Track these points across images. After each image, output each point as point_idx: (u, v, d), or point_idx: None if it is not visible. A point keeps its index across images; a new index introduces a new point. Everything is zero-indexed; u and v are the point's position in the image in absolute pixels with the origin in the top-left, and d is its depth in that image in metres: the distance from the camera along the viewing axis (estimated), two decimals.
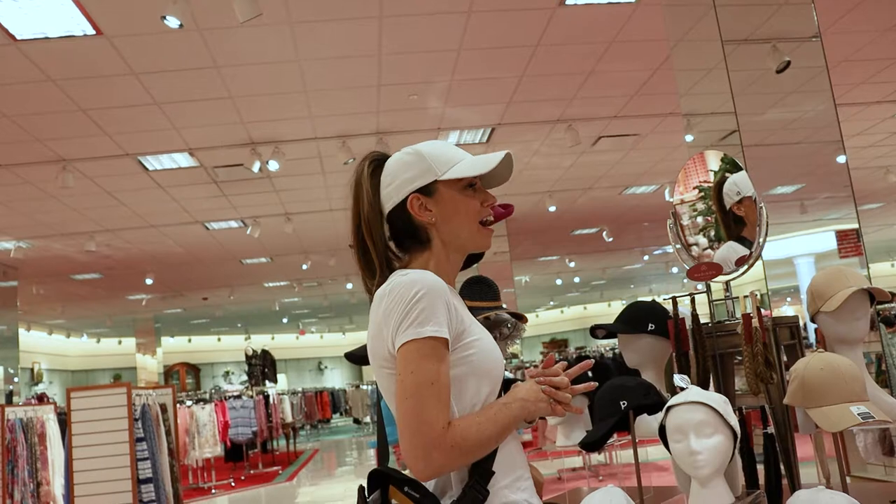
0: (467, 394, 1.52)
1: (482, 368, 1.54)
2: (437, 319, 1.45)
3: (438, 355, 1.45)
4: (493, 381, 1.56)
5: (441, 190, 1.62)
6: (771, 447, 2.23)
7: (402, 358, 1.45)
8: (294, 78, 6.91)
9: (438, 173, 1.61)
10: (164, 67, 6.43)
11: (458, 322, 1.52)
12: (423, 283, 1.48)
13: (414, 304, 1.46)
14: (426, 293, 1.47)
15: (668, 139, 9.53)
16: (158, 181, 9.56)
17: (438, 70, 7.06)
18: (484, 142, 9.14)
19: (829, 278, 2.44)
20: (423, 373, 1.43)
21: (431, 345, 1.44)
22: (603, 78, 7.51)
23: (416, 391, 1.42)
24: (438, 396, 1.42)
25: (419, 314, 1.45)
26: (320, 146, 8.84)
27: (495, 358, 1.58)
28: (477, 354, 1.53)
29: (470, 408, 1.52)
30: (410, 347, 1.45)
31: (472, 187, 1.64)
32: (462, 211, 1.62)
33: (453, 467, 1.47)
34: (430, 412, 1.41)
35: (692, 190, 2.76)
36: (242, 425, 12.83)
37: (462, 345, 1.52)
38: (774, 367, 2.28)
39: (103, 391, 6.40)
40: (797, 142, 5.20)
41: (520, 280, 21.06)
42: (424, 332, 1.44)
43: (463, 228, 1.62)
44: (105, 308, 20.30)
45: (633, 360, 2.63)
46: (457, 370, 1.51)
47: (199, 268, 15.88)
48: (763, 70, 5.02)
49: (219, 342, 30.09)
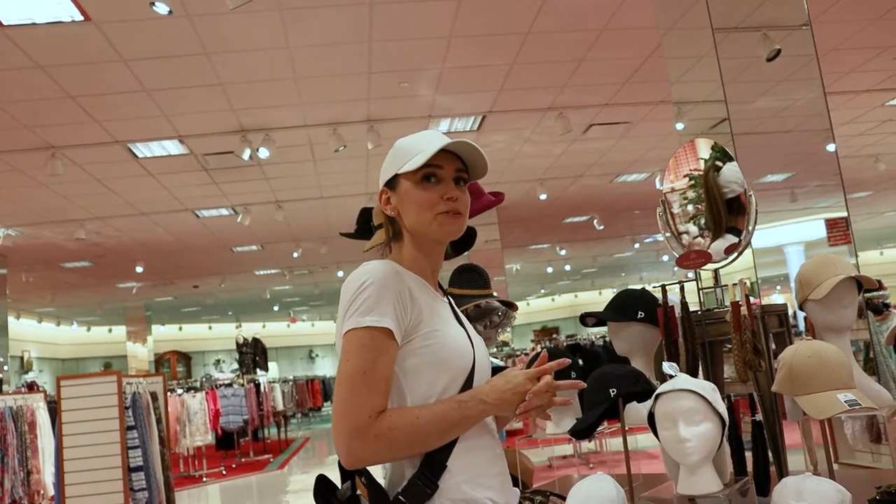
0: (422, 385, 1.52)
1: (439, 359, 1.53)
2: (379, 309, 1.47)
3: (377, 345, 1.46)
4: (453, 372, 1.55)
5: (401, 183, 1.62)
6: (759, 434, 2.25)
7: (343, 346, 1.48)
8: (284, 65, 6.88)
9: (399, 167, 1.61)
10: (154, 54, 6.38)
11: (415, 313, 1.52)
12: (371, 274, 1.50)
13: (359, 294, 1.48)
14: (371, 283, 1.49)
15: (659, 127, 9.54)
16: (148, 169, 9.52)
17: (429, 57, 7.03)
18: (475, 129, 9.13)
19: (818, 266, 2.45)
20: (357, 361, 1.45)
21: (371, 334, 1.46)
22: (594, 66, 7.51)
23: (348, 379, 1.44)
24: (370, 385, 1.43)
25: (362, 304, 1.47)
26: (311, 133, 8.81)
27: (457, 349, 1.57)
28: (435, 345, 1.53)
29: (424, 399, 1.51)
30: (350, 336, 1.47)
31: (429, 179, 1.60)
32: (415, 203, 1.60)
33: (378, 458, 1.47)
34: (358, 400, 1.42)
35: (682, 178, 2.76)
36: (233, 413, 12.82)
37: (419, 335, 1.52)
38: (763, 355, 2.29)
39: (93, 379, 6.38)
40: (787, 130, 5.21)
41: (511, 268, 21.10)
42: (364, 321, 1.46)
43: (419, 220, 1.60)
44: (95, 296, 20.24)
45: (622, 347, 2.64)
46: (411, 361, 1.51)
47: (189, 256, 15.84)
48: (753, 58, 5.02)
49: (209, 330, 30.06)
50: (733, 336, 2.30)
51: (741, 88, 4.79)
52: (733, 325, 2.30)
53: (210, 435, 12.02)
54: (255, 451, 14.25)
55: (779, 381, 2.15)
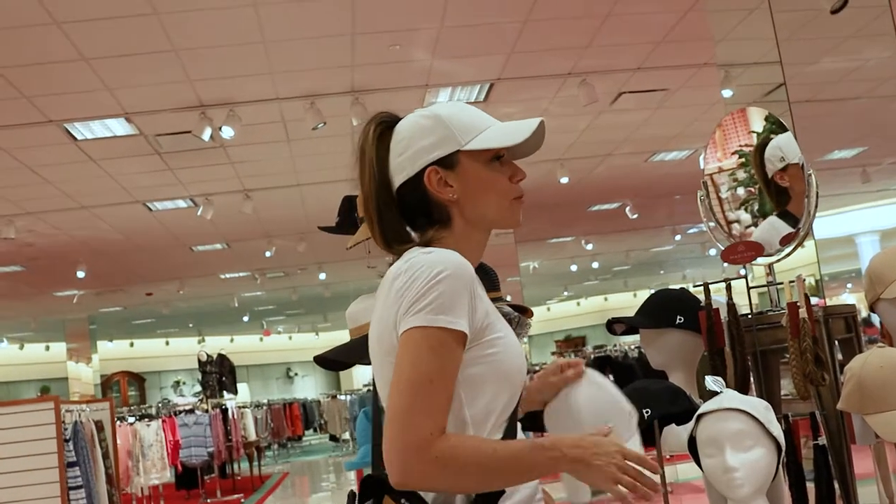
0: (483, 398, 1.55)
1: (503, 371, 1.57)
2: (455, 310, 1.48)
3: (447, 351, 1.47)
4: (514, 387, 1.60)
5: (464, 162, 1.64)
6: (823, 461, 2.25)
7: (403, 345, 1.49)
8: (251, 26, 6.88)
9: (462, 142, 1.63)
10: (93, 15, 6.38)
11: (483, 315, 1.55)
12: (448, 264, 1.52)
13: (432, 287, 1.49)
14: (449, 276, 1.50)
15: (702, 95, 9.52)
16: (89, 153, 9.52)
17: (425, 14, 7.03)
18: (481, 100, 9.12)
19: (892, 259, 2.45)
20: (424, 367, 1.46)
21: (441, 337, 1.47)
22: (623, 21, 7.50)
23: (411, 387, 1.46)
24: (434, 398, 1.46)
25: (436, 299, 1.48)
26: (284, 108, 8.81)
27: (519, 360, 1.62)
28: (500, 354, 1.57)
29: (484, 415, 1.55)
30: (416, 335, 1.48)
31: (498, 159, 1.66)
32: (490, 188, 1.65)
33: (433, 485, 1.49)
34: (420, 414, 1.44)
35: (731, 156, 2.77)
36: (196, 445, 12.82)
37: (484, 341, 1.55)
38: (826, 367, 2.30)
39: (26, 407, 6.38)
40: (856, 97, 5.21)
41: (527, 266, 21.09)
42: (438, 320, 1.47)
43: (490, 207, 1.66)
44: (29, 307, 20.26)
45: (657, 359, 2.65)
46: (474, 370, 1.54)
47: (140, 257, 15.84)
48: (815, 10, 5.02)
49: (167, 346, 30.04)
50: (790, 344, 2.31)
51: (800, 47, 4.79)
52: (790, 331, 2.31)
53: (168, 471, 12.02)
54: (223, 489, 14.26)
55: (846, 398, 2.16)
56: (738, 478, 1.93)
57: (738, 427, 1.95)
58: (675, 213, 17.35)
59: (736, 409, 1.96)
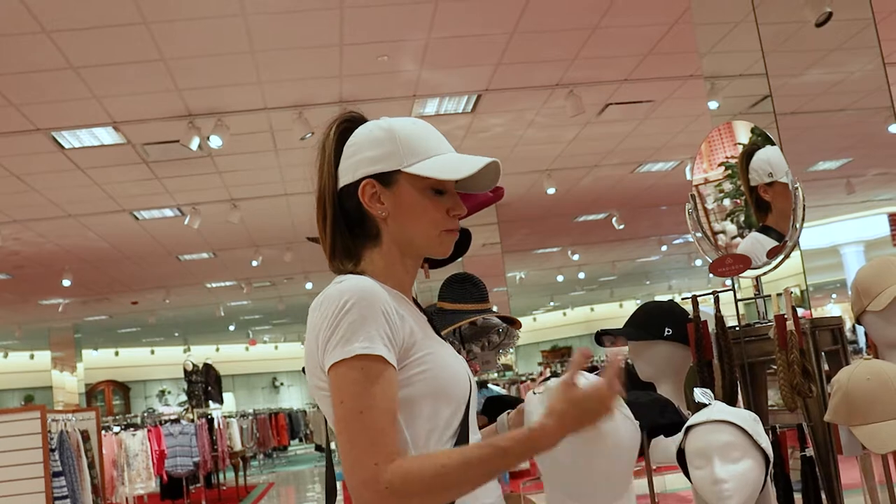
0: (421, 417, 1.54)
1: (438, 387, 1.56)
2: (367, 333, 1.47)
3: (371, 377, 1.46)
4: (456, 400, 1.58)
5: (402, 183, 1.62)
6: (810, 472, 2.26)
7: (331, 385, 1.49)
8: (239, 36, 6.88)
9: (403, 163, 1.61)
10: (81, 24, 6.37)
11: (408, 334, 1.54)
12: (354, 292, 1.51)
13: (342, 318, 1.49)
14: (355, 304, 1.49)
15: (688, 106, 9.57)
16: (77, 162, 9.49)
17: (413, 25, 7.04)
18: (468, 111, 9.14)
19: (878, 271, 2.46)
20: (351, 402, 1.45)
21: (360, 365, 1.46)
22: (610, 34, 7.53)
23: (345, 425, 1.45)
24: (369, 429, 1.44)
25: (347, 329, 1.48)
26: (272, 118, 8.81)
27: (456, 374, 1.60)
28: (431, 371, 1.55)
29: (426, 433, 1.54)
30: (338, 370, 1.47)
31: (439, 191, 1.63)
32: (420, 215, 1.62)
33: None
34: (358, 448, 1.43)
35: (717, 167, 2.78)
36: (182, 455, 12.77)
37: (412, 360, 1.54)
38: (814, 378, 2.30)
39: (12, 416, 6.36)
40: (841, 108, 5.24)
41: (513, 277, 21.11)
42: (352, 349, 1.46)
43: (418, 234, 1.64)
44: (14, 315, 20.15)
45: (646, 371, 2.65)
46: (406, 391, 1.53)
47: (127, 266, 15.79)
48: (800, 23, 5.05)
49: (152, 355, 29.95)
50: (778, 356, 2.32)
51: (785, 59, 4.82)
52: (778, 343, 2.31)
53: (154, 481, 11.98)
54: (209, 500, 14.20)
55: (833, 409, 2.17)
56: (726, 489, 1.93)
57: (726, 439, 1.95)
58: (661, 224, 17.41)
59: (724, 420, 1.97)
